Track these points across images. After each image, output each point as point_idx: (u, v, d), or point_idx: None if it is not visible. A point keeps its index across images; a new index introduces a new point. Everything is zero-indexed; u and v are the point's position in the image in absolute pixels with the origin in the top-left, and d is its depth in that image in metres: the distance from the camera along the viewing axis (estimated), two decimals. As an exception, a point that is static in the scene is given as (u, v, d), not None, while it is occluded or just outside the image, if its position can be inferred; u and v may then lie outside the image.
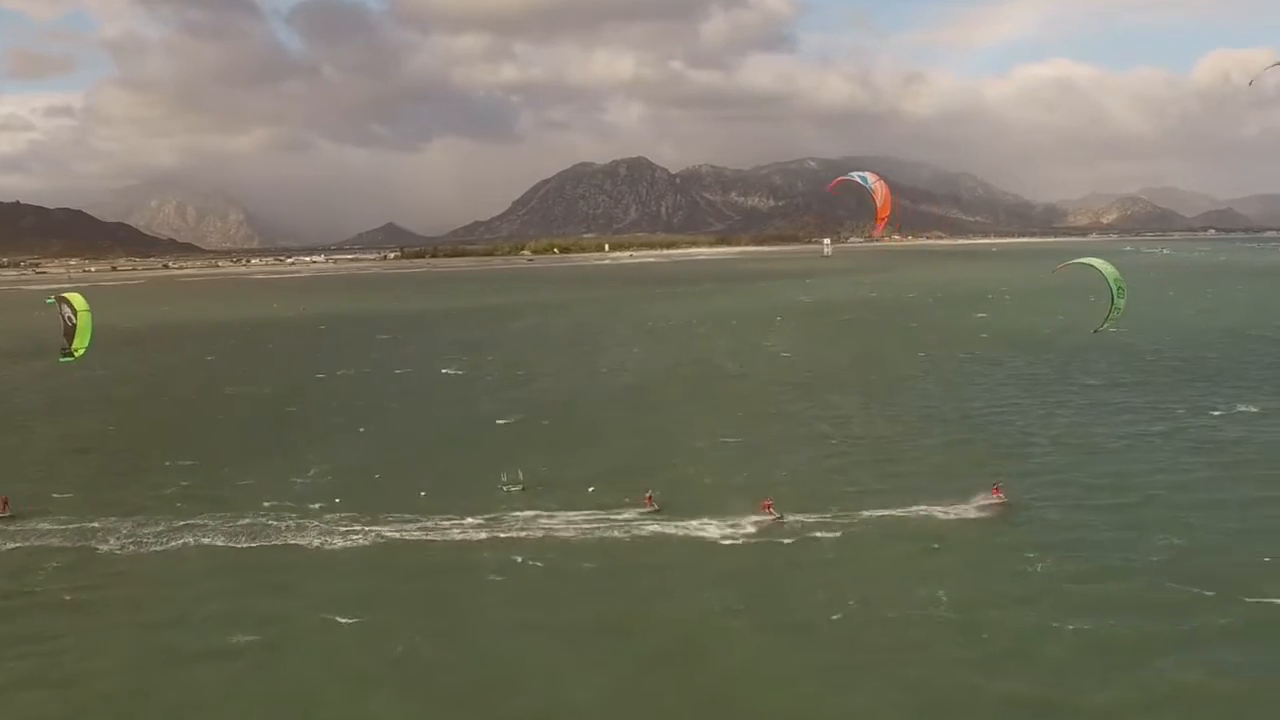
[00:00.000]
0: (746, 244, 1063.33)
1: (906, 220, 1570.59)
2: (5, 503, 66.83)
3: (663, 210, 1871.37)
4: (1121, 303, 68.02)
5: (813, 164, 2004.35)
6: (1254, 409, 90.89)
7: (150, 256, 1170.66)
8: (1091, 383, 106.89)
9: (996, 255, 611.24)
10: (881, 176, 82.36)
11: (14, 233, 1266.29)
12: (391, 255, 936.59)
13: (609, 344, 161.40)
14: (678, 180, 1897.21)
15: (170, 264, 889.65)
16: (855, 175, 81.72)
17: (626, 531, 60.55)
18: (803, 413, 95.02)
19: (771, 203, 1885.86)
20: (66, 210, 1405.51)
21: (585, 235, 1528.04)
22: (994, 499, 62.11)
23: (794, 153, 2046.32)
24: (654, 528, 61.01)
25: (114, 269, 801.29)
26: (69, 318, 64.14)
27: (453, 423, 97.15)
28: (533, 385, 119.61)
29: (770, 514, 61.37)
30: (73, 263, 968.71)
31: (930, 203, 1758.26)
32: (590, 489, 68.21)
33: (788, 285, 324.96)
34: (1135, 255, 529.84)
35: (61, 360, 65.35)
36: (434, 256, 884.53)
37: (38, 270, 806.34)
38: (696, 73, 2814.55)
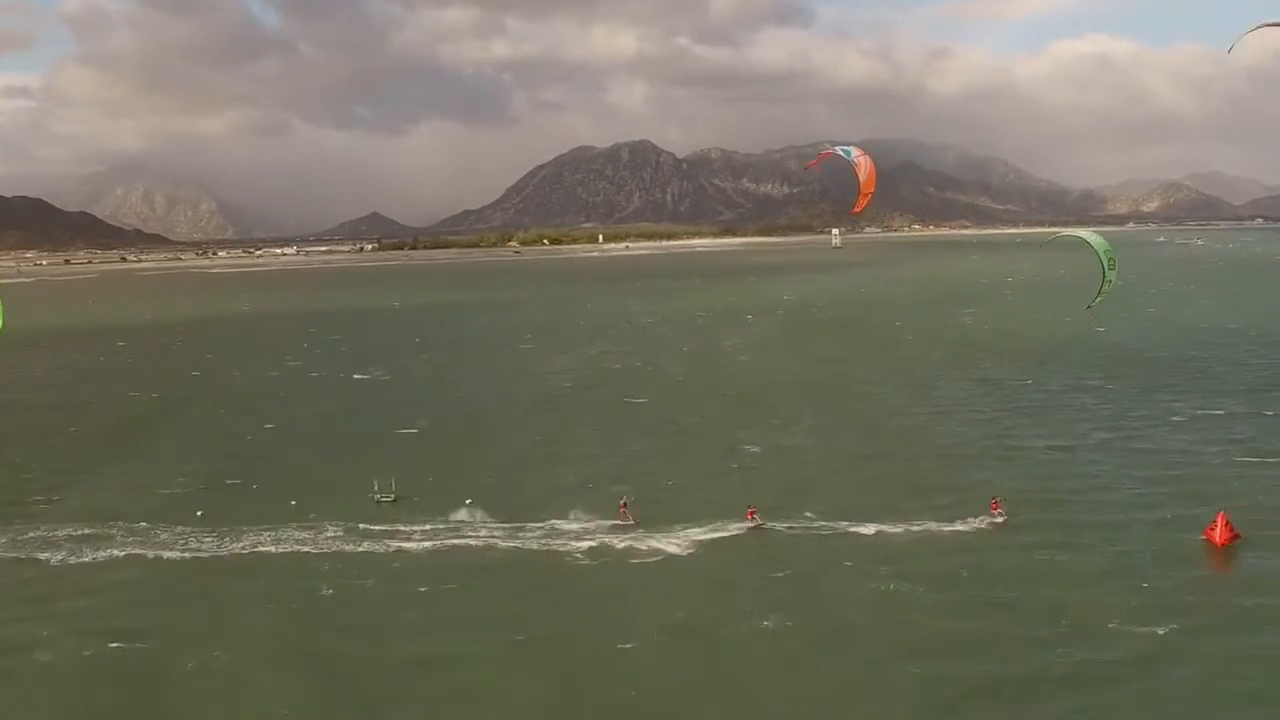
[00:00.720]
0: (753, 234, 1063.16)
1: (930, 209, 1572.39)
2: None
3: (668, 198, 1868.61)
4: (1113, 275, 69.42)
5: (830, 148, 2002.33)
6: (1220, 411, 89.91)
7: (113, 249, 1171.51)
8: (1053, 387, 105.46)
9: (1020, 246, 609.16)
10: (866, 151, 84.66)
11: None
12: (368, 247, 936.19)
13: (558, 347, 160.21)
14: (684, 165, 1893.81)
15: (129, 257, 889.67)
16: (838, 149, 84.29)
17: (485, 543, 60.39)
18: (727, 423, 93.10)
19: (785, 190, 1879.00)
20: (24, 199, 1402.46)
21: (584, 224, 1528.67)
22: (994, 515, 60.99)
23: (810, 135, 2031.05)
24: (512, 544, 60.05)
25: (67, 262, 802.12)
26: None
27: (349, 432, 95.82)
28: (452, 392, 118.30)
29: (753, 519, 61.35)
30: (29, 255, 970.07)
31: (956, 190, 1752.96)
32: (468, 500, 67.17)
33: (779, 280, 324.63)
34: (1168, 247, 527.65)
35: None
36: (413, 248, 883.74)
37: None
38: (704, 49, 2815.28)
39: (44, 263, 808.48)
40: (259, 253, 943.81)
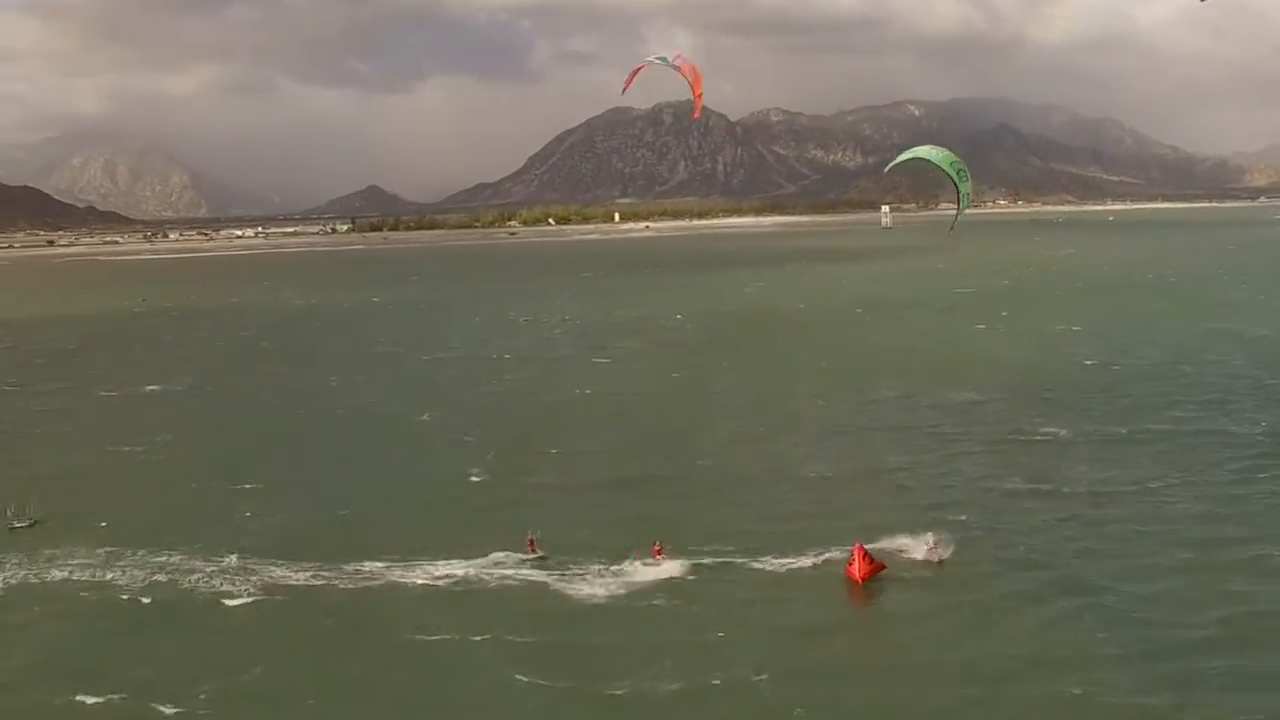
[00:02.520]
0: (803, 213, 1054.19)
1: (1029, 181, 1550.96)
2: None
3: (720, 168, 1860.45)
4: (966, 188, 77.20)
5: (913, 109, 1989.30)
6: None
7: (61, 229, 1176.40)
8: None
9: (1112, 227, 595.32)
10: (683, 54, 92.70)
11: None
12: (342, 228, 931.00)
13: (445, 355, 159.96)
14: (739, 130, 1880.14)
15: (59, 241, 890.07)
16: (653, 58, 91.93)
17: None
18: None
19: (859, 159, 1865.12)
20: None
21: (620, 200, 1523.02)
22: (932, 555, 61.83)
23: (889, 94, 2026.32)
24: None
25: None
26: None
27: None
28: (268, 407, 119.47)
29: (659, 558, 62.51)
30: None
31: (1061, 158, 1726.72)
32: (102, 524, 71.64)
33: (771, 270, 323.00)
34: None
35: None
36: (393, 229, 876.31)
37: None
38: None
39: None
40: (216, 235, 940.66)
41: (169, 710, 46.77)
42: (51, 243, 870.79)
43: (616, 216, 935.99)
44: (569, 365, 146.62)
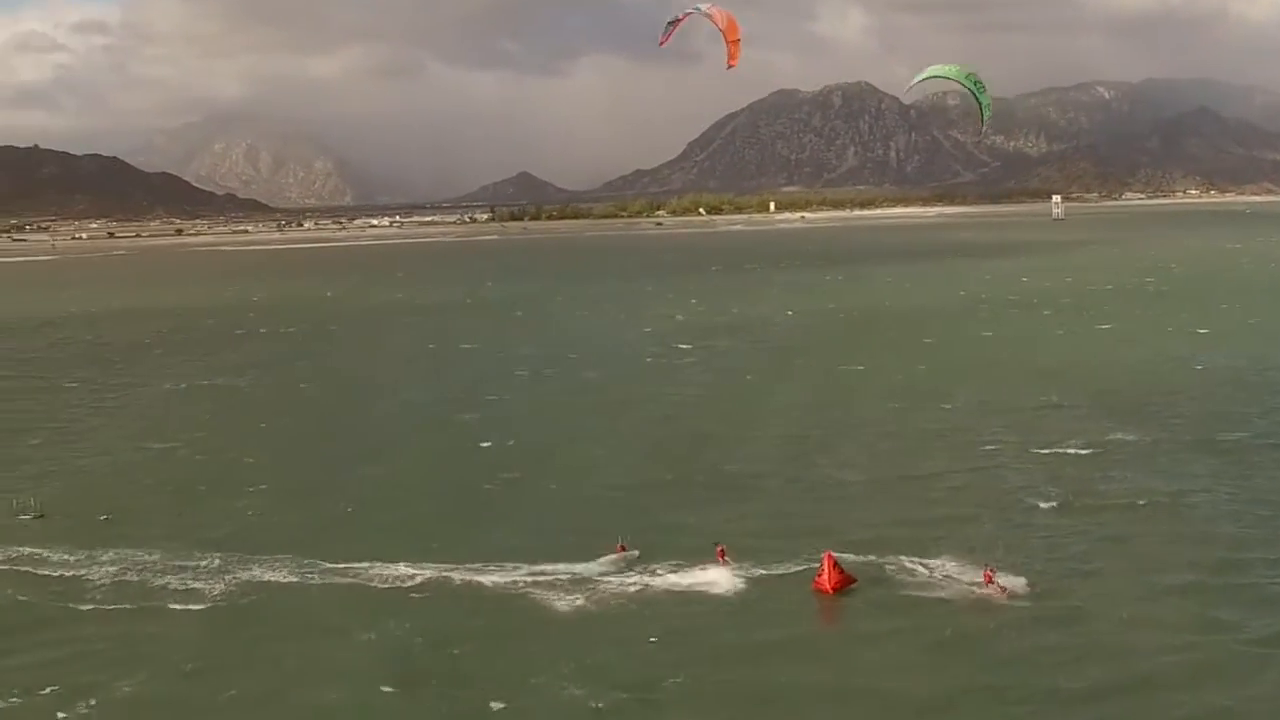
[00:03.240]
0: (973, 203, 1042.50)
1: (1227, 169, 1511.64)
2: None
3: (892, 154, 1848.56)
4: (986, 99, 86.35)
5: (1103, 90, 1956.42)
6: None
7: (199, 217, 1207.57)
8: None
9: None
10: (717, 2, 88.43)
11: (31, 185, 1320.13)
12: (482, 217, 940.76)
13: (529, 352, 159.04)
14: (912, 114, 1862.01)
15: (188, 229, 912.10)
16: (690, 9, 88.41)
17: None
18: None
19: (1043, 145, 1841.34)
20: (97, 158, 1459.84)
21: (785, 188, 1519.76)
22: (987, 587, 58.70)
23: (1076, 74, 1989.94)
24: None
25: (111, 235, 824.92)
26: None
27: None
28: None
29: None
30: (94, 225, 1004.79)
31: (1264, 144, 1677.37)
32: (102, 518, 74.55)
33: (910, 265, 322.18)
34: None
35: None
36: (535, 218, 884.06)
37: (14, 238, 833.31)
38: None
39: (84, 236, 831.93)
40: (349, 224, 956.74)
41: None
42: (180, 231, 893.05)
43: (771, 206, 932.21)
44: (645, 364, 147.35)
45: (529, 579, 61.14)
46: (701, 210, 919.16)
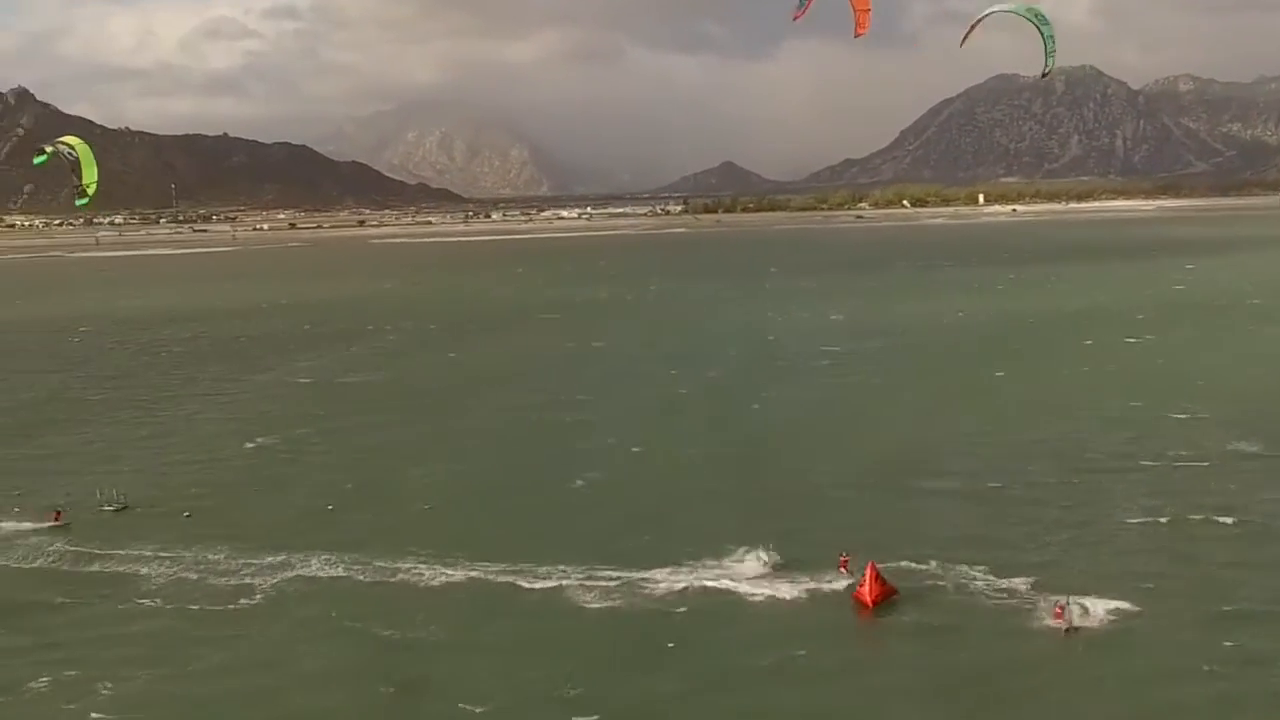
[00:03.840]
0: (1201, 195, 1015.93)
1: None
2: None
3: (1118, 143, 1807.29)
4: (1050, 30, 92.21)
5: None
6: None
7: (389, 208, 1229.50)
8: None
9: None
10: None
11: (220, 174, 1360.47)
12: (675, 209, 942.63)
13: (672, 351, 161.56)
14: (1141, 100, 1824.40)
15: (369, 220, 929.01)
16: None
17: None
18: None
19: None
20: (286, 145, 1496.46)
21: (1005, 179, 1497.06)
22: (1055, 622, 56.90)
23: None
24: None
25: (292, 226, 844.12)
26: (68, 154, 79.01)
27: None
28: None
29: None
30: (282, 215, 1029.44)
31: None
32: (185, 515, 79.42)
33: (1106, 264, 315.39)
34: None
35: (78, 205, 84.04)
36: (729, 210, 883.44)
37: (197, 229, 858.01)
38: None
39: (265, 226, 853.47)
40: (535, 216, 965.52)
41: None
42: (362, 223, 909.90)
43: (981, 199, 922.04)
44: (775, 367, 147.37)
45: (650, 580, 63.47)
46: (905, 202, 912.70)
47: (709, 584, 63.11)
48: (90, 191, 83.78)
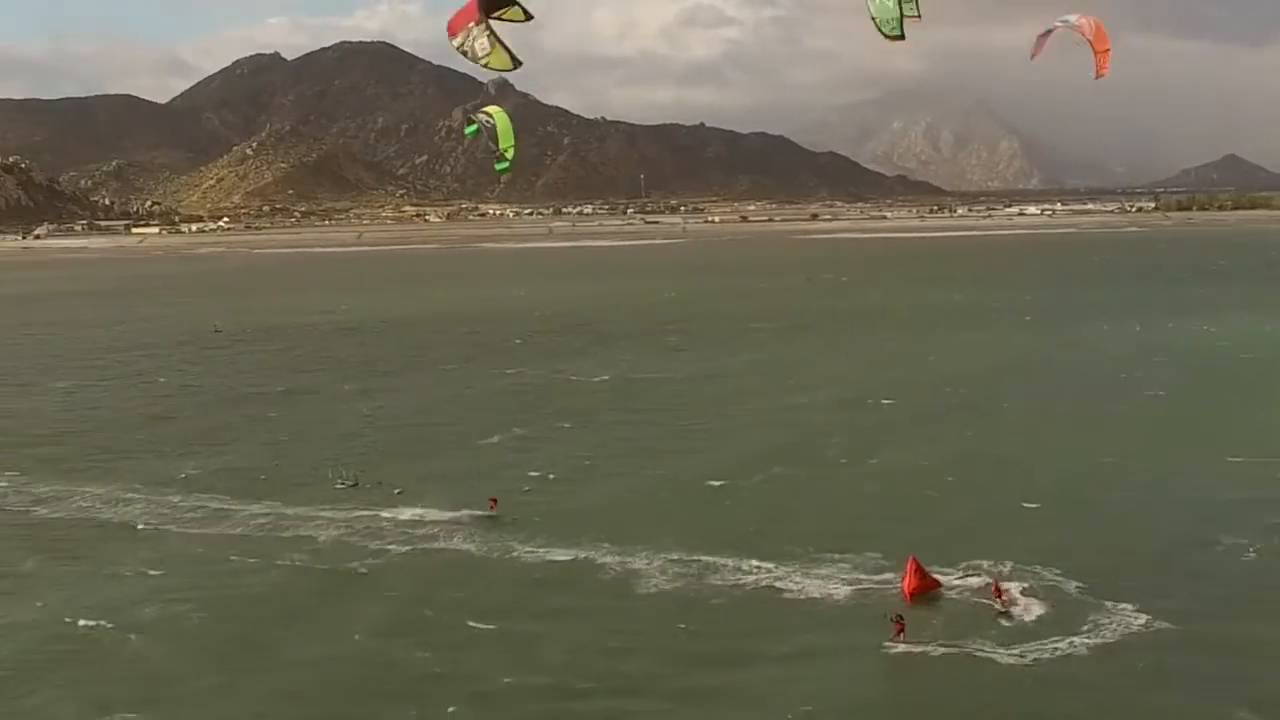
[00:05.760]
0: None
1: None
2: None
3: None
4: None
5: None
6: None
7: (862, 201, 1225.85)
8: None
9: None
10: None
11: (696, 164, 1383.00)
12: (1149, 205, 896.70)
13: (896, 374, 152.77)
14: None
15: (824, 213, 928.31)
16: (1057, 22, 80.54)
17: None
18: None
19: None
20: (763, 135, 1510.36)
21: None
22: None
23: None
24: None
25: (744, 219, 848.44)
26: (487, 122, 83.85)
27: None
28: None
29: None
30: (752, 207, 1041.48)
31: None
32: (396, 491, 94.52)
33: None
34: None
35: (498, 169, 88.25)
36: (1203, 209, 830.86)
37: (649, 220, 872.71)
38: None
39: (716, 219, 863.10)
40: (998, 211, 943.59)
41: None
42: (814, 216, 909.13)
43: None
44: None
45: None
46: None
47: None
48: (509, 156, 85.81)
